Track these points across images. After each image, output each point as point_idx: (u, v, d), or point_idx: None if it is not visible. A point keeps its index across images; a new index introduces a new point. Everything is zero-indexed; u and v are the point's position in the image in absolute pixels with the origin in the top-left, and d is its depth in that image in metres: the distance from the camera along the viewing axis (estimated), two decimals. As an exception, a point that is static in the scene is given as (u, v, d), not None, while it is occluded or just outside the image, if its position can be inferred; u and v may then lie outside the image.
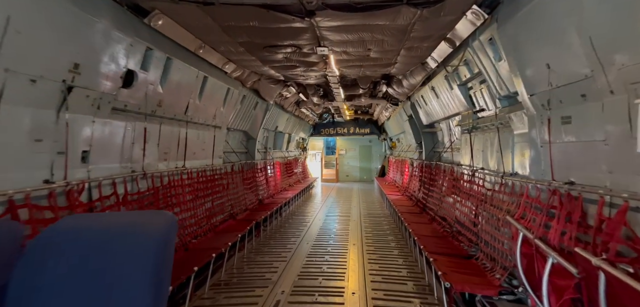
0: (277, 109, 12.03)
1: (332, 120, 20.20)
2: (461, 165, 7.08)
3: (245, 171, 9.56)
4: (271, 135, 13.16)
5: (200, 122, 6.52)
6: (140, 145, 4.55)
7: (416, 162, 11.68)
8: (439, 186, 8.64)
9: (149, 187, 4.68)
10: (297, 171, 17.19)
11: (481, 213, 5.33)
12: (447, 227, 6.99)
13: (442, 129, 9.33)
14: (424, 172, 10.30)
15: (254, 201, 9.88)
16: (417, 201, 10.22)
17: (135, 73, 4.10)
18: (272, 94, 10.17)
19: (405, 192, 12.26)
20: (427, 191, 9.55)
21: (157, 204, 4.84)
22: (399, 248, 7.47)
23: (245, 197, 9.12)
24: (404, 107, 11.82)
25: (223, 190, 7.58)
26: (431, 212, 8.42)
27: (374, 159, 22.29)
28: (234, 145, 9.53)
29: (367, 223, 10.01)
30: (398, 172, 15.54)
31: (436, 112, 8.79)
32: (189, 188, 5.97)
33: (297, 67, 7.87)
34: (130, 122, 4.35)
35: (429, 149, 10.55)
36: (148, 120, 4.66)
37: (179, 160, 5.82)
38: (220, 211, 7.37)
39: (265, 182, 11.48)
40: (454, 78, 6.31)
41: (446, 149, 8.83)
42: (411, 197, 11.22)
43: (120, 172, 4.18)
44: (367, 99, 12.86)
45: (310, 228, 9.33)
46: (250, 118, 9.82)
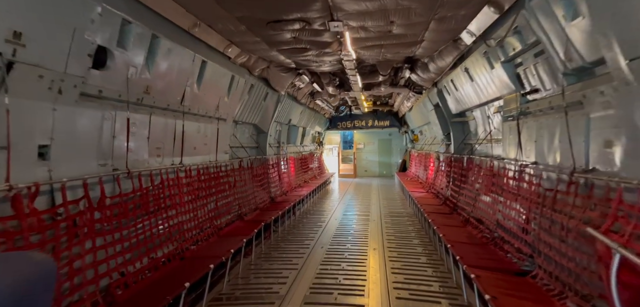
0: (290, 101, 11.22)
1: (349, 113, 19.23)
2: (503, 159, 6.01)
3: (256, 168, 8.84)
4: (284, 129, 12.39)
5: (200, 113, 5.80)
6: (123, 138, 3.85)
7: (443, 156, 10.58)
8: (473, 183, 7.57)
9: (135, 188, 3.99)
10: (312, 166, 16.40)
11: (536, 218, 4.31)
12: (486, 233, 5.96)
13: (475, 118, 8.22)
14: (453, 167, 9.22)
15: (266, 200, 9.15)
16: (446, 200, 9.17)
17: (109, 51, 3.38)
18: (284, 83, 9.36)
19: (430, 189, 11.19)
20: (457, 188, 8.49)
21: (145, 207, 4.15)
22: (427, 255, 6.51)
23: (255, 195, 8.40)
24: (429, 96, 10.71)
25: (229, 188, 6.87)
26: (464, 213, 7.38)
27: (394, 153, 21.14)
28: (243, 139, 8.81)
29: (389, 224, 9.07)
30: (421, 166, 14.43)
31: (469, 99, 7.69)
32: (187, 187, 5.27)
33: (308, 51, 7.00)
34: (108, 111, 3.65)
35: (459, 141, 9.43)
36: (132, 110, 3.95)
37: (175, 156, 5.12)
38: (227, 211, 6.66)
39: (278, 178, 10.74)
40: (497, 54, 5.25)
41: (481, 141, 7.73)
42: (438, 194, 10.15)
43: (96, 171, 3.49)
44: (388, 88, 11.82)
45: (326, 229, 8.50)
46: (260, 110, 9.06)
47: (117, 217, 3.61)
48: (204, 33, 5.00)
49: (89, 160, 3.42)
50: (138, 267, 3.79)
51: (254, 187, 8.41)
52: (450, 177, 9.44)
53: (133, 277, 3.66)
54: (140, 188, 4.07)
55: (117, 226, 3.59)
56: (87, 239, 3.09)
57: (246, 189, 7.82)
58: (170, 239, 4.56)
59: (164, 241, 4.42)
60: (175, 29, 4.36)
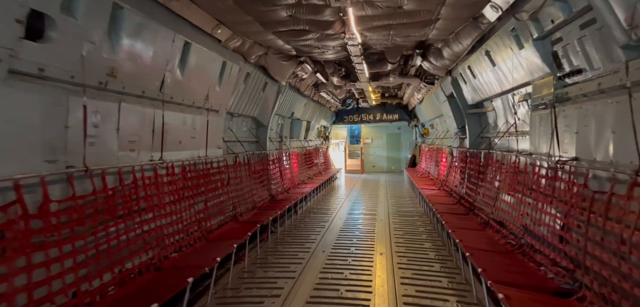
0: (292, 93, 10.50)
1: (356, 106, 18.40)
2: (531, 154, 5.18)
3: (254, 164, 8.17)
4: (287, 123, 11.69)
5: (185, 103, 5.13)
6: (81, 130, 3.19)
7: (457, 150, 9.72)
8: (492, 180, 6.74)
9: (96, 189, 3.34)
10: (317, 161, 15.68)
11: (580, 227, 3.51)
12: (510, 239, 5.15)
13: (495, 109, 7.35)
14: (468, 163, 8.38)
15: (265, 198, 8.49)
16: (460, 198, 8.34)
17: (48, 18, 2.71)
18: (284, 73, 8.63)
19: (442, 186, 10.36)
20: (473, 186, 7.66)
21: (111, 211, 3.50)
22: (440, 261, 5.74)
23: (253, 193, 7.74)
24: (442, 86, 9.84)
25: (222, 186, 6.21)
26: (482, 215, 6.56)
27: (403, 147, 20.25)
28: (240, 133, 8.13)
29: (397, 224, 8.30)
30: (432, 162, 13.56)
31: (489, 87, 6.83)
32: (169, 186, 4.62)
33: (308, 33, 6.25)
34: (59, 97, 3.00)
35: (475, 134, 8.56)
36: (92, 96, 3.30)
37: (155, 151, 4.47)
38: (219, 211, 6.01)
39: (279, 175, 10.06)
40: (529, 30, 4.41)
41: (502, 134, 6.88)
42: (451, 192, 9.33)
43: (37, 169, 2.84)
44: (397, 78, 10.98)
45: (329, 230, 7.79)
46: (259, 101, 8.36)
47: (68, 225, 2.97)
48: (184, 8, 4.31)
49: (28, 155, 2.76)
50: (97, 285, 3.15)
51: (251, 185, 7.75)
52: (465, 173, 8.61)
53: (90, 296, 3.03)
54: (105, 189, 3.42)
55: (68, 236, 2.95)
56: (18, 256, 2.45)
57: (242, 187, 7.15)
58: (145, 247, 3.92)
59: (137, 250, 3.78)
60: (146, 0, 3.67)
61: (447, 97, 9.89)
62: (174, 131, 4.91)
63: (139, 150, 4.09)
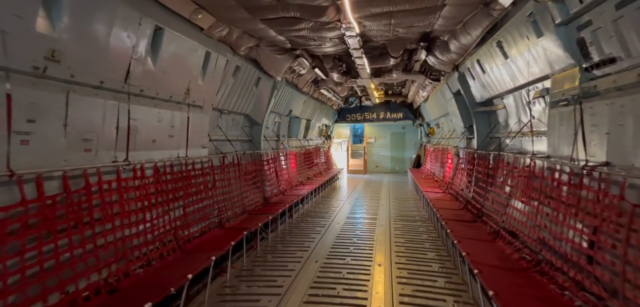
0: (290, 89, 9.93)
1: (359, 105, 17.78)
2: (549, 157, 4.53)
3: (246, 164, 7.62)
4: (284, 121, 11.13)
5: (160, 97, 4.59)
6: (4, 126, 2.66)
7: (463, 151, 9.05)
8: (503, 185, 6.09)
9: (26, 198, 2.79)
10: (318, 161, 15.10)
11: (615, 246, 2.88)
12: (525, 253, 4.51)
13: (506, 107, 6.68)
14: (476, 165, 7.71)
15: (258, 201, 7.94)
16: (467, 203, 7.69)
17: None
18: (279, 68, 8.07)
19: (448, 189, 9.69)
20: (481, 190, 7.00)
21: (49, 225, 2.96)
22: (445, 275, 5.12)
23: (243, 196, 7.19)
24: (448, 82, 9.17)
25: (205, 190, 5.67)
26: (491, 223, 5.92)
27: (407, 147, 19.56)
28: (231, 131, 7.59)
29: (399, 230, 7.68)
30: (437, 162, 12.88)
31: (499, 82, 6.17)
32: (136, 191, 4.08)
33: (301, 22, 5.66)
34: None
35: (483, 134, 7.89)
36: (19, 83, 2.74)
37: (120, 150, 3.93)
38: (201, 217, 5.47)
39: (275, 176, 9.51)
40: (550, 15, 3.77)
41: (515, 134, 6.22)
42: (457, 196, 8.67)
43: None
44: (400, 74, 10.34)
45: (325, 236, 7.21)
46: (251, 98, 7.80)
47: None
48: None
49: None
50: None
51: (242, 187, 7.20)
52: (472, 176, 7.95)
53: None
54: (40, 198, 2.88)
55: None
56: None
57: (230, 189, 6.60)
58: (98, 265, 3.37)
59: (86, 270, 3.24)
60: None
61: (453, 94, 9.22)
62: (146, 128, 4.38)
63: (97, 151, 3.56)
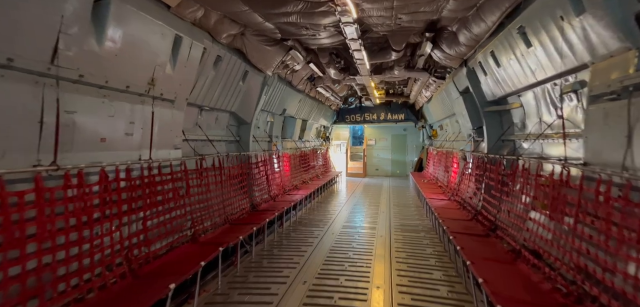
0: (283, 86, 9.07)
1: (359, 105, 16.92)
2: (585, 164, 3.65)
3: (230, 168, 6.75)
4: (278, 121, 10.27)
5: (111, 85, 3.73)
6: None
7: (471, 155, 8.16)
8: (521, 194, 5.20)
9: None
10: (315, 164, 14.23)
11: None
12: (560, 283, 3.62)
13: (523, 105, 5.79)
14: (487, 170, 6.83)
15: (244, 208, 7.07)
16: (476, 213, 6.81)
17: None
18: (269, 61, 7.21)
19: (453, 196, 8.81)
20: (494, 199, 6.12)
21: None
22: (457, 303, 4.25)
23: (226, 204, 6.33)
24: (455, 79, 8.31)
25: (175, 198, 4.80)
26: (508, 239, 5.03)
27: (409, 150, 18.66)
28: (214, 131, 6.74)
29: (400, 243, 6.80)
30: (441, 167, 11.99)
31: (517, 76, 5.29)
32: (69, 204, 3.21)
33: (289, 3, 4.81)
34: None
35: (495, 136, 7.01)
36: None
37: (47, 152, 3.08)
38: (168, 231, 4.60)
39: (266, 180, 8.65)
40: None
41: (536, 136, 5.33)
42: (464, 204, 7.78)
43: None
44: (402, 72, 9.47)
45: (317, 250, 6.34)
46: (238, 94, 6.95)
47: None
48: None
49: None
50: None
51: (225, 193, 6.34)
52: (482, 183, 7.07)
53: None
54: None
55: None
56: None
57: (209, 197, 5.74)
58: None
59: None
60: None
61: (460, 92, 8.35)
62: (91, 124, 3.53)
63: (5, 152, 2.71)
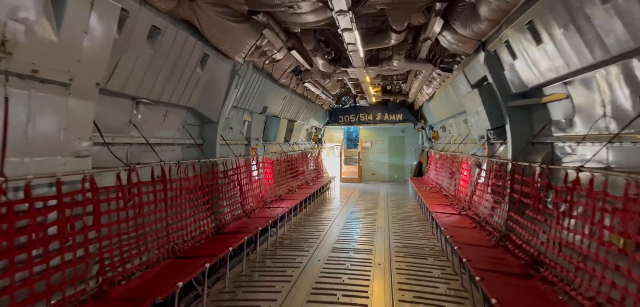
0: (262, 78, 7.42)
1: (353, 105, 15.31)
2: None
3: (184, 180, 5.06)
4: (258, 121, 8.62)
5: None
6: None
7: (488, 161, 6.55)
8: (583, 220, 3.57)
9: None
10: (305, 170, 12.58)
11: None
12: None
13: (571, 96, 4.17)
14: (515, 182, 5.22)
15: (206, 231, 5.40)
16: (501, 237, 5.20)
17: None
18: (239, 44, 5.57)
19: (465, 210, 7.20)
20: (531, 224, 4.51)
21: None
22: None
23: (173, 229, 4.66)
24: (467, 70, 6.74)
25: (62, 236, 3.09)
26: (571, 291, 3.40)
27: (407, 153, 17.07)
28: (163, 133, 5.08)
29: (404, 274, 5.18)
30: (445, 173, 10.40)
31: (569, 56, 3.66)
32: None
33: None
34: None
35: (523, 138, 5.41)
36: None
37: None
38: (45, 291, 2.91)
39: (240, 192, 6.98)
40: None
41: (612, 137, 3.71)
42: (480, 222, 6.18)
43: None
44: (403, 62, 7.85)
45: (295, 291, 4.67)
46: (196, 84, 5.28)
47: None
48: None
49: None
50: None
51: (171, 216, 4.66)
52: (506, 197, 5.48)
53: None
54: None
55: None
56: None
57: (140, 224, 4.04)
58: None
59: None
60: None
61: (474, 85, 6.78)
62: None
63: None
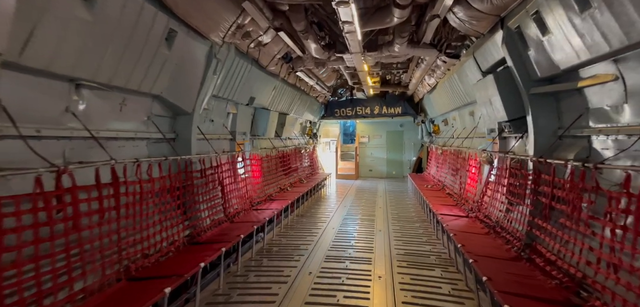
0: (246, 64, 6.46)
1: (350, 97, 14.38)
2: None
3: (143, 181, 4.13)
4: (244, 113, 7.67)
5: None
6: None
7: (504, 157, 5.69)
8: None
9: None
10: (298, 166, 11.68)
11: None
12: None
13: (623, 76, 3.29)
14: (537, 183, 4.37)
15: (176, 241, 4.49)
16: (524, 247, 4.35)
17: None
18: (214, 19, 4.63)
19: (474, 212, 6.36)
20: (570, 237, 3.65)
21: None
22: None
23: (130, 242, 3.75)
24: (477, 55, 5.85)
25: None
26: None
27: (406, 148, 16.23)
28: (118, 124, 4.12)
29: (408, 290, 4.32)
30: (447, 169, 9.56)
31: (622, 25, 2.78)
32: None
33: None
34: None
35: (548, 131, 4.55)
36: None
37: None
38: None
39: (221, 194, 6.06)
40: None
41: None
42: (494, 227, 5.33)
43: None
44: (404, 47, 6.91)
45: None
46: (162, 66, 4.32)
47: None
48: None
49: None
50: None
51: (127, 225, 3.74)
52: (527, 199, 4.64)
53: None
54: None
55: None
56: None
57: (71, 241, 3.11)
58: None
59: None
60: None
61: (485, 71, 5.91)
62: None
63: None
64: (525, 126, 5.08)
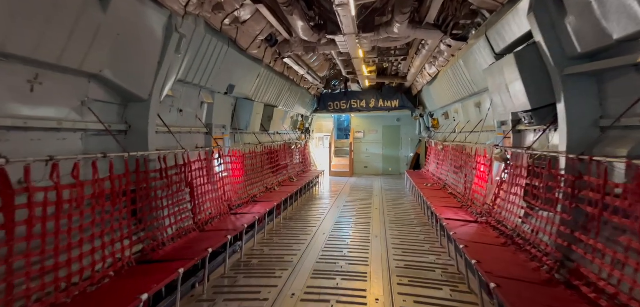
0: (220, 43, 5.36)
1: (344, 90, 13.35)
2: None
3: (61, 186, 3.07)
4: (222, 104, 6.60)
5: None
6: None
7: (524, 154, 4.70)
8: None
9: None
10: (288, 163, 10.64)
11: None
12: None
13: None
14: (581, 187, 3.39)
15: (120, 260, 3.45)
16: (557, 267, 3.39)
17: None
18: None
19: (485, 217, 5.39)
20: (633, 259, 2.68)
21: None
22: None
23: (48, 269, 2.70)
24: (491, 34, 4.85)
25: None
26: None
27: (403, 144, 15.26)
28: (33, 110, 3.04)
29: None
30: (448, 166, 8.60)
31: None
32: None
33: None
34: None
35: (586, 121, 3.58)
36: None
37: None
38: None
39: (190, 198, 5.01)
40: None
41: None
42: (512, 236, 4.37)
43: None
44: (405, 28, 5.86)
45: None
46: (94, 34, 3.23)
47: None
48: None
49: None
50: None
51: (34, 250, 2.68)
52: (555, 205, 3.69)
53: None
54: None
55: None
56: None
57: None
58: None
59: None
60: None
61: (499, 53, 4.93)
62: None
63: None
64: (550, 116, 4.12)
